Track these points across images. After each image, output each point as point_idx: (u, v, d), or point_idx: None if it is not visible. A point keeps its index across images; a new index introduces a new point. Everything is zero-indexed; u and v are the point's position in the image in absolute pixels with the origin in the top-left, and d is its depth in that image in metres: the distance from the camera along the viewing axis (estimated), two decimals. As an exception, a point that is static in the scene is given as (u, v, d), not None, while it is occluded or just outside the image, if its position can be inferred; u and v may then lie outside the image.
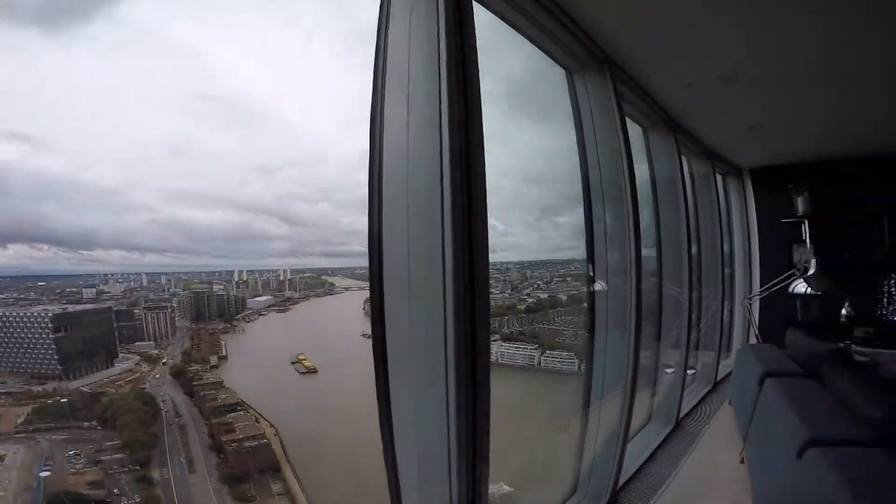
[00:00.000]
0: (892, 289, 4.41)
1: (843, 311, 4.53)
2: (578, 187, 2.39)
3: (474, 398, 1.16)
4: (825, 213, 4.63)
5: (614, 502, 2.46)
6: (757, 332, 4.84)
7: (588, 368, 2.43)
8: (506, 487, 2.50)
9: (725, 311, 5.10)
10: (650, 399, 3.65)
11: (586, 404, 2.50)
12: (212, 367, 5.24)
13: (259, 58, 6.24)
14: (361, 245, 1.36)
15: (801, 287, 3.34)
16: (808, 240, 4.61)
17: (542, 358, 4.52)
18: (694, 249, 4.18)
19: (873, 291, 4.48)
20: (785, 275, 3.64)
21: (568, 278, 4.54)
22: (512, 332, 4.89)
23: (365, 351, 1.51)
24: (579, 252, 2.35)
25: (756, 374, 2.66)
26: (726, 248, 5.20)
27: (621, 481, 2.55)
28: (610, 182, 2.25)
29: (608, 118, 2.37)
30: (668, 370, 3.63)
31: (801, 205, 4.60)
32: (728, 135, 3.97)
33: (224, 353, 5.48)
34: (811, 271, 3.34)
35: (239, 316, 5.97)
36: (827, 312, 4.64)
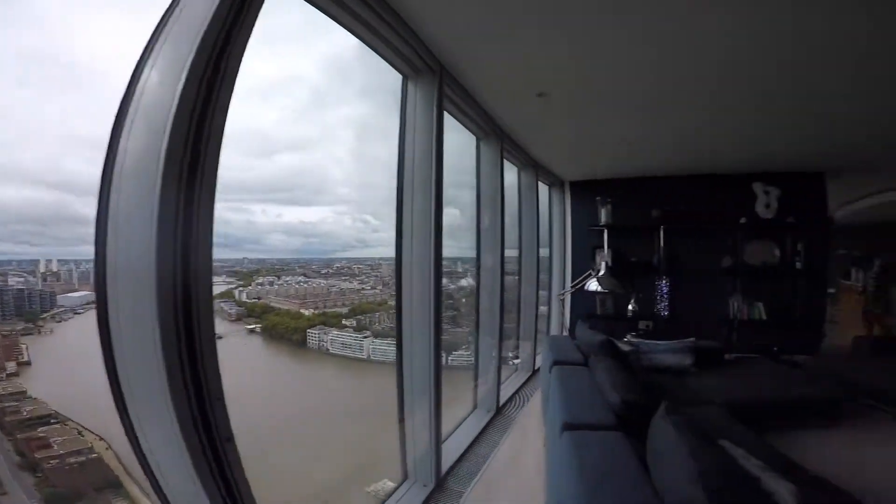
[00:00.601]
0: (663, 288, 5.49)
1: (630, 307, 5.53)
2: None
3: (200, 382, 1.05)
4: (621, 223, 5.54)
5: (441, 485, 2.64)
6: (566, 324, 5.62)
7: (399, 360, 2.52)
8: (390, 483, 2.62)
9: (545, 307, 5.78)
10: (475, 389, 3.95)
11: (407, 396, 2.61)
12: (10, 374, 4.10)
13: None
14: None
15: (593, 286, 3.92)
16: (605, 245, 5.47)
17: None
18: (516, 252, 4.65)
19: (653, 291, 5.50)
20: (584, 275, 4.24)
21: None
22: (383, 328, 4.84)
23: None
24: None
25: (549, 362, 3.03)
26: (548, 251, 5.93)
27: (448, 465, 2.79)
28: (421, 184, 2.33)
29: (428, 124, 2.45)
30: (494, 360, 3.94)
31: (603, 215, 5.43)
32: (548, 149, 4.48)
33: (26, 359, 4.32)
34: (601, 272, 3.93)
35: (46, 315, 4.77)
36: (619, 308, 5.61)
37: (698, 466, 1.31)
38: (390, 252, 2.47)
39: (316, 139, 3.30)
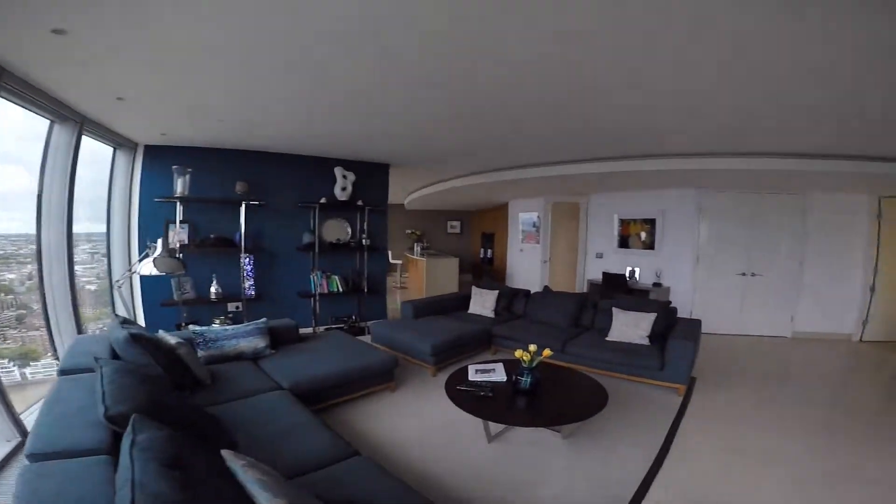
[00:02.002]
0: (248, 267, 5.33)
1: (212, 289, 5.11)
2: None
3: None
4: (202, 195, 4.96)
5: None
6: (132, 315, 4.61)
7: None
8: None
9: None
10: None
11: None
12: None
13: None
14: None
15: (146, 269, 3.24)
16: (178, 221, 4.79)
17: None
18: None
19: (238, 270, 5.22)
20: (142, 255, 3.48)
21: None
22: None
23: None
24: None
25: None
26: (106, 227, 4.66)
27: None
28: None
29: None
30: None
31: (179, 186, 4.71)
32: (103, 99, 3.33)
33: None
34: (157, 253, 3.30)
35: None
36: (202, 290, 5.09)
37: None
38: None
39: None
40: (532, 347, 3.15)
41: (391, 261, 11.26)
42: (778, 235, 6.46)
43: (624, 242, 7.56)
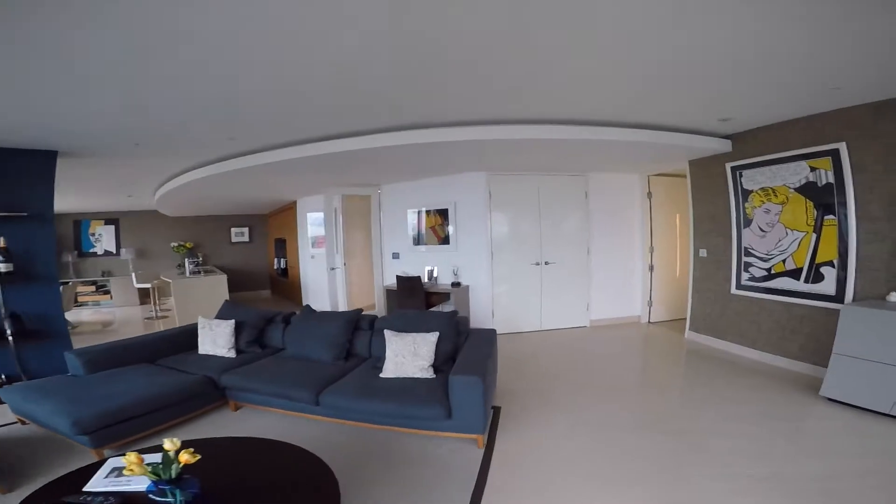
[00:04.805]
0: None
1: None
2: None
3: None
4: None
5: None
6: None
7: None
8: None
9: None
10: None
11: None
12: None
13: None
14: None
15: None
16: None
17: None
18: None
19: None
20: None
21: None
22: None
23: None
24: None
25: None
26: None
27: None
28: None
29: None
30: None
31: None
32: None
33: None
34: None
35: None
36: None
37: None
38: None
39: None
40: (170, 444, 1.53)
41: (137, 285, 8.38)
42: (565, 220, 6.07)
43: (419, 239, 6.46)
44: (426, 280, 6.19)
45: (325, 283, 7.22)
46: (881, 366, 2.90)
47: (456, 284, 5.90)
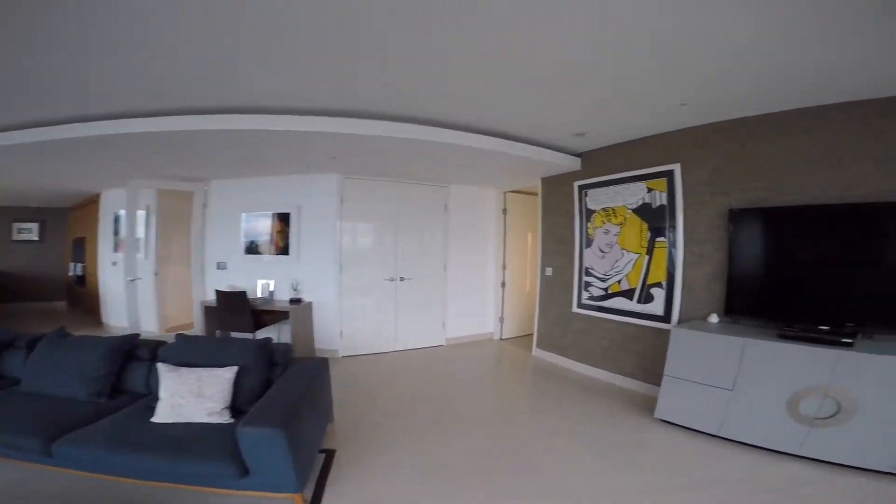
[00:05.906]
0: None
1: None
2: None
3: None
4: None
5: None
6: None
7: None
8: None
9: None
10: None
11: None
12: None
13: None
14: None
15: None
16: None
17: None
18: None
19: None
20: None
21: None
22: None
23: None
24: None
25: None
26: None
27: None
28: None
29: None
30: None
31: None
32: None
33: None
34: None
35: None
36: None
37: None
38: None
39: None
40: None
41: None
42: (423, 233, 5.69)
43: (254, 247, 5.43)
44: (260, 295, 5.18)
45: (118, 295, 5.64)
46: (704, 387, 3.00)
47: (296, 301, 5.03)
